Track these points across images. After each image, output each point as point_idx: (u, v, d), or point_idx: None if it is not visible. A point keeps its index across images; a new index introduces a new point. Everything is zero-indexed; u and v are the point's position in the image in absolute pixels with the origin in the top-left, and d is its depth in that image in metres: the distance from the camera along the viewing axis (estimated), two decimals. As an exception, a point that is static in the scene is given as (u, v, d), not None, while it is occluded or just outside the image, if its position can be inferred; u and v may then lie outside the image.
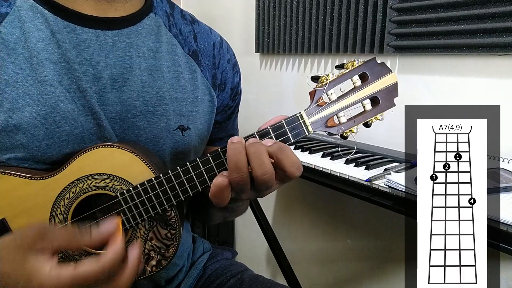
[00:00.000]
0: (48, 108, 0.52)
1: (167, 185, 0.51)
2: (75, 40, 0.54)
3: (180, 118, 0.62)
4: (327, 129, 0.51)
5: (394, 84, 0.51)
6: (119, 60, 0.57)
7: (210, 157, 0.49)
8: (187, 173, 0.50)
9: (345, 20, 1.22)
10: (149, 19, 0.61)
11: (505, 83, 0.93)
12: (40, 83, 0.52)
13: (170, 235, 0.54)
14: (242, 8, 1.71)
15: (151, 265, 0.55)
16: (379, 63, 0.51)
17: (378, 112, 0.51)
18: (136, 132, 0.58)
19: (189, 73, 0.64)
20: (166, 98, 0.60)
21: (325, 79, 0.50)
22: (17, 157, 0.52)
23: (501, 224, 0.62)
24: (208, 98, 0.66)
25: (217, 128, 0.73)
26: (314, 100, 0.50)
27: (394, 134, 1.14)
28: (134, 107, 0.58)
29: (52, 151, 0.53)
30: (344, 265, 1.46)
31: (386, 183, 0.80)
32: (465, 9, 0.94)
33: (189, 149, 0.64)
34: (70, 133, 0.53)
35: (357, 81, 0.51)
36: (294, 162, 0.46)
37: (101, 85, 0.55)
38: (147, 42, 0.60)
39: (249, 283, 0.72)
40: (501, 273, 0.98)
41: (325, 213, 1.50)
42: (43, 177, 0.52)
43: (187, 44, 0.65)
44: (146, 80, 0.59)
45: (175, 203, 0.52)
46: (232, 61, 0.71)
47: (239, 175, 0.46)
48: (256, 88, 1.70)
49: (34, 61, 0.52)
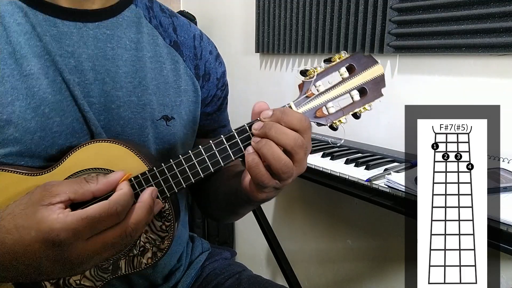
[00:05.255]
0: (37, 100, 0.52)
1: (161, 177, 0.52)
2: (56, 33, 0.55)
3: (163, 108, 0.62)
4: (316, 119, 0.51)
5: (381, 75, 0.52)
6: (100, 52, 0.57)
7: (202, 149, 0.50)
8: (180, 165, 0.51)
9: (345, 20, 1.22)
10: (130, 11, 0.61)
11: (505, 83, 0.93)
12: (27, 77, 0.52)
13: (165, 227, 0.55)
14: (242, 8, 1.71)
15: (146, 257, 0.56)
16: (365, 56, 0.52)
17: (367, 102, 0.52)
18: (121, 123, 0.59)
19: (172, 63, 0.64)
20: (149, 88, 0.61)
21: (313, 71, 0.51)
22: (12, 152, 0.52)
23: (501, 224, 0.62)
24: (192, 88, 0.67)
25: (209, 120, 0.74)
26: (302, 91, 0.51)
27: (394, 134, 1.14)
28: (118, 98, 0.58)
29: (46, 143, 0.53)
30: (344, 265, 1.46)
31: (386, 183, 0.80)
32: (465, 9, 0.94)
33: (174, 139, 0.64)
34: (61, 124, 0.54)
35: (344, 72, 0.51)
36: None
37: (84, 77, 0.56)
38: (128, 33, 0.60)
39: (247, 284, 0.72)
40: (501, 273, 0.98)
41: (325, 213, 1.50)
42: (40, 173, 0.52)
43: (167, 35, 0.65)
44: (129, 71, 0.59)
45: (168, 195, 0.52)
46: (214, 52, 0.72)
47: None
48: (256, 88, 1.70)
49: (18, 56, 0.52)
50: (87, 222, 0.42)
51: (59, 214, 0.43)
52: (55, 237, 0.42)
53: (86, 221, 0.42)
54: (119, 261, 0.56)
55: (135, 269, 0.56)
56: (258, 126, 0.47)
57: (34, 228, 0.42)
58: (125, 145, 0.53)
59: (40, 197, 0.44)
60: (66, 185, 0.46)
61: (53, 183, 0.46)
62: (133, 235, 0.46)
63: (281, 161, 0.45)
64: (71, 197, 0.45)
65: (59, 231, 0.42)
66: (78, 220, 0.42)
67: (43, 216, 0.43)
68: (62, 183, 0.46)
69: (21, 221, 0.43)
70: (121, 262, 0.56)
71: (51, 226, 0.42)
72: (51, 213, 0.43)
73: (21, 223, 0.43)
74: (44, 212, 0.43)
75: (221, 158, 0.50)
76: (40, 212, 0.43)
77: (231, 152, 0.50)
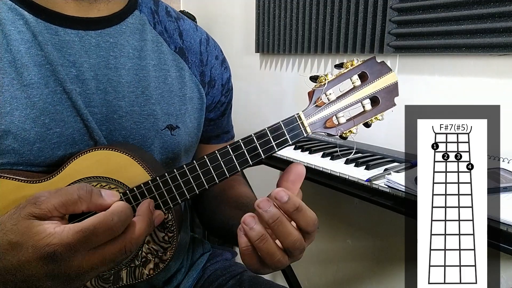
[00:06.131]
0: (37, 111, 0.51)
1: (164, 188, 0.50)
2: (57, 41, 0.53)
3: (168, 117, 0.61)
4: (326, 130, 0.50)
5: (394, 83, 0.50)
6: (103, 61, 0.56)
7: (208, 159, 0.48)
8: (184, 175, 0.49)
9: (345, 20, 1.22)
10: (133, 18, 0.60)
11: (505, 83, 0.93)
12: (27, 87, 0.51)
13: (168, 238, 0.54)
14: (242, 8, 1.71)
15: (148, 268, 0.55)
16: (378, 62, 0.50)
17: (378, 112, 0.50)
18: (123, 133, 0.57)
19: (176, 71, 0.63)
20: (153, 98, 0.59)
21: (324, 79, 0.49)
22: (10, 162, 0.51)
23: (501, 224, 0.62)
24: (197, 96, 0.65)
25: (212, 126, 0.73)
26: (312, 100, 0.49)
27: (394, 134, 1.14)
28: (120, 108, 0.57)
29: (45, 154, 0.52)
30: (344, 265, 1.46)
31: (386, 183, 0.80)
32: (465, 9, 0.94)
33: (179, 148, 0.63)
34: (61, 135, 0.53)
35: (356, 80, 0.50)
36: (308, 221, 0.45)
37: (85, 87, 0.54)
38: (132, 41, 0.58)
39: (248, 285, 0.72)
40: (501, 273, 0.98)
41: (325, 213, 1.49)
42: (40, 180, 0.51)
43: (173, 41, 0.63)
44: (132, 80, 0.58)
45: (172, 206, 0.51)
46: (220, 57, 0.70)
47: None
48: (256, 88, 1.70)
49: (18, 65, 0.51)
50: (83, 235, 0.40)
51: (55, 228, 0.41)
52: (52, 253, 0.40)
53: (82, 234, 0.40)
54: (120, 272, 0.55)
55: (137, 280, 0.55)
56: (265, 207, 0.43)
57: (30, 244, 0.41)
58: (127, 153, 0.51)
59: (31, 212, 0.42)
60: (56, 199, 0.43)
61: (43, 198, 0.43)
62: (133, 249, 0.44)
63: (273, 256, 0.45)
64: (61, 212, 0.43)
65: (56, 247, 0.40)
66: (73, 234, 0.40)
67: (38, 231, 0.41)
68: (52, 197, 0.43)
69: (14, 237, 0.41)
70: (123, 273, 0.55)
71: (47, 242, 0.40)
72: (47, 228, 0.41)
73: (14, 239, 0.41)
74: (39, 227, 0.41)
75: (227, 169, 0.49)
76: (35, 226, 0.41)
77: (237, 163, 0.48)
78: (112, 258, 0.43)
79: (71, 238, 0.40)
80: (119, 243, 0.43)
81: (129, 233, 0.44)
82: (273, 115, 1.64)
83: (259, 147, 0.48)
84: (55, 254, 0.40)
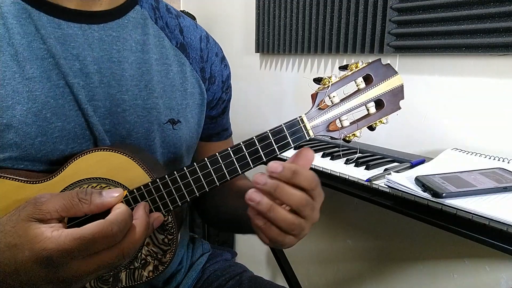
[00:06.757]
0: (39, 104, 0.51)
1: (164, 190, 0.50)
2: (60, 35, 0.53)
3: (170, 111, 0.61)
4: (329, 133, 0.49)
5: (400, 86, 0.49)
6: (106, 54, 0.56)
7: (208, 162, 0.48)
8: (184, 178, 0.49)
9: (345, 20, 1.22)
10: (135, 12, 0.60)
11: (505, 83, 0.93)
12: (28, 80, 0.51)
13: (167, 241, 0.54)
14: (242, 8, 1.71)
15: (148, 270, 0.55)
16: (384, 65, 0.49)
17: (383, 116, 0.50)
18: (127, 127, 0.57)
19: (178, 66, 0.63)
20: (156, 91, 0.59)
21: (328, 81, 0.48)
22: (12, 157, 0.51)
23: (501, 224, 0.62)
24: (198, 91, 0.66)
25: (213, 124, 0.73)
26: (315, 103, 0.48)
27: (394, 134, 1.14)
28: (124, 102, 0.57)
29: (46, 148, 0.52)
30: (344, 265, 1.45)
31: (386, 183, 0.80)
32: (465, 9, 0.94)
33: (180, 143, 0.63)
34: (63, 129, 0.53)
35: (361, 83, 0.49)
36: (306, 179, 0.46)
37: (89, 80, 0.54)
38: (134, 35, 0.59)
39: (248, 285, 0.72)
40: (501, 273, 0.98)
41: (325, 213, 1.49)
42: (40, 181, 0.51)
43: (174, 37, 0.64)
44: (135, 74, 0.58)
45: (172, 208, 0.51)
46: (220, 54, 0.71)
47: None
48: (256, 88, 1.70)
49: (20, 58, 0.51)
50: (81, 242, 0.40)
51: (52, 232, 0.41)
52: (48, 257, 0.40)
53: (79, 241, 0.40)
54: (119, 273, 0.55)
55: (136, 282, 0.55)
56: (262, 181, 0.44)
57: (27, 247, 0.40)
58: (127, 154, 0.51)
59: (31, 214, 0.42)
60: (58, 202, 0.43)
61: (44, 199, 0.43)
62: (131, 253, 0.44)
63: (287, 221, 0.45)
64: (62, 215, 0.43)
65: (52, 251, 0.40)
66: (71, 241, 0.40)
67: (36, 234, 0.41)
68: (53, 200, 0.43)
69: (13, 240, 0.41)
70: (122, 275, 0.55)
71: (44, 246, 0.40)
72: (44, 231, 0.41)
73: (13, 241, 0.41)
74: (37, 230, 0.41)
75: (228, 172, 0.48)
76: (33, 229, 0.41)
77: (238, 166, 0.48)
78: (110, 262, 0.43)
79: (68, 244, 0.40)
80: (117, 248, 0.43)
81: (128, 238, 0.44)
82: (273, 115, 1.64)
83: (261, 150, 0.48)
84: (51, 259, 0.40)
